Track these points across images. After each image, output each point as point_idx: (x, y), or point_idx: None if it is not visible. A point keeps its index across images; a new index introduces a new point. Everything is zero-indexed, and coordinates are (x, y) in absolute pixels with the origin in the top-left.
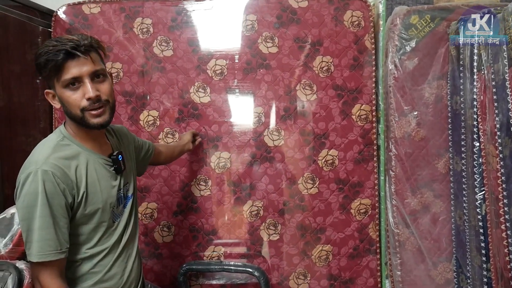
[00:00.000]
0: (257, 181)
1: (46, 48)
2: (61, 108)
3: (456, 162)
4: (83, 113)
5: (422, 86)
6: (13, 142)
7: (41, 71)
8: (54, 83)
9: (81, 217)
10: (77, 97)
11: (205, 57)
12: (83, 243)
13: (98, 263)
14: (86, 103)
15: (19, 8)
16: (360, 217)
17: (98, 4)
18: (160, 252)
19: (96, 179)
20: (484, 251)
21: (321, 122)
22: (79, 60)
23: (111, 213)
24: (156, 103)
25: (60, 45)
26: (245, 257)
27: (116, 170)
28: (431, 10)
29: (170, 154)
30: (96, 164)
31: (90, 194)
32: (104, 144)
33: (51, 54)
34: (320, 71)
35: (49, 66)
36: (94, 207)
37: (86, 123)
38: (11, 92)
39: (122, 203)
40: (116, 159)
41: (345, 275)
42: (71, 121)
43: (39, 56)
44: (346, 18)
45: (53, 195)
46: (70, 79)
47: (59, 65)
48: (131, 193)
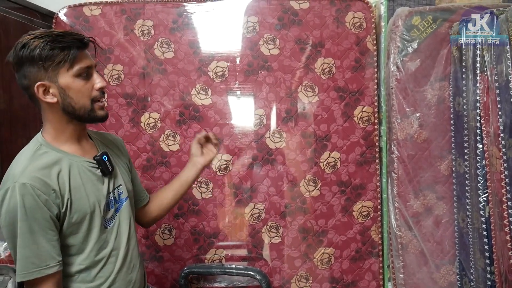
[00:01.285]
0: (259, 184)
1: (49, 37)
2: (54, 104)
3: (459, 164)
4: (93, 104)
5: (425, 88)
6: (13, 145)
7: (44, 61)
8: (60, 73)
9: (69, 226)
10: (89, 87)
11: (206, 59)
12: (76, 254)
13: (97, 275)
14: (97, 93)
15: (20, 10)
16: (362, 219)
17: (99, 6)
18: (161, 255)
19: (80, 183)
20: (488, 253)
21: (322, 124)
22: (86, 51)
23: (101, 219)
24: (157, 105)
25: (69, 35)
26: (246, 260)
27: (103, 172)
28: (433, 11)
29: (165, 195)
30: (79, 168)
31: (75, 201)
32: (87, 145)
33: (66, 43)
34: (322, 72)
35: (63, 54)
36: (81, 213)
37: (92, 115)
38: (12, 94)
39: (113, 207)
40: (101, 160)
41: (347, 278)
42: (63, 117)
43: (45, 45)
44: (348, 20)
45: (33, 209)
46: (85, 67)
47: (77, 53)
48: (125, 196)
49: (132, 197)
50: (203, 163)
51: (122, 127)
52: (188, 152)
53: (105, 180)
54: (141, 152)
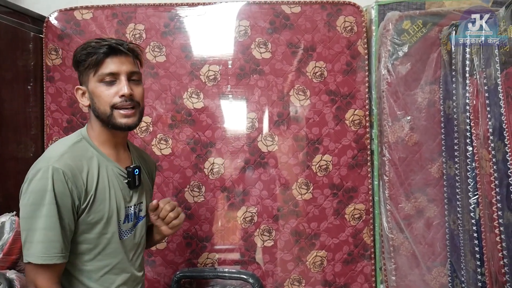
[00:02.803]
0: (251, 187)
1: (88, 44)
2: (89, 107)
3: (450, 167)
4: (112, 110)
5: (415, 91)
6: (4, 149)
7: (79, 65)
8: (89, 78)
9: (83, 223)
10: (110, 93)
11: (198, 62)
12: (83, 253)
13: (98, 281)
14: (118, 100)
15: (11, 14)
16: (354, 222)
17: (90, 9)
18: (153, 259)
19: (106, 185)
20: (478, 255)
21: (314, 128)
22: (120, 58)
23: (117, 228)
24: (149, 109)
25: (104, 41)
26: (239, 263)
27: (129, 184)
28: (423, 16)
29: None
30: (109, 171)
31: (97, 201)
32: (123, 154)
33: (94, 48)
34: (313, 76)
35: (89, 59)
36: (99, 215)
37: (112, 122)
38: (2, 98)
39: (132, 220)
40: (132, 172)
41: (339, 281)
42: (97, 120)
43: (81, 51)
44: (339, 24)
45: (62, 194)
46: (108, 73)
47: (100, 59)
48: (143, 214)
49: (148, 217)
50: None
51: None
52: (180, 156)
53: (130, 192)
54: None
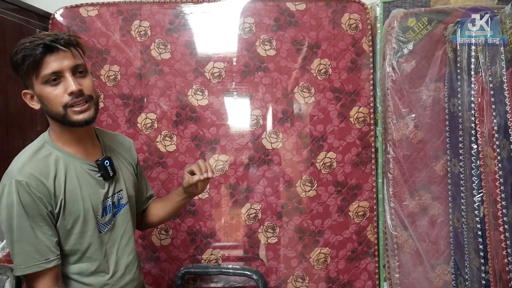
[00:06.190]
0: (255, 184)
1: (22, 45)
2: (41, 110)
3: (454, 165)
4: (66, 110)
5: (420, 89)
6: (9, 146)
7: (18, 70)
8: (33, 81)
9: (61, 227)
10: (58, 92)
11: (203, 59)
12: (69, 255)
13: (90, 276)
14: (69, 98)
15: (17, 11)
16: (358, 219)
17: (95, 6)
18: (158, 255)
19: (77, 186)
20: (482, 253)
21: (319, 125)
22: (58, 54)
23: (95, 223)
24: (153, 106)
25: (38, 40)
26: (243, 260)
27: (103, 176)
28: (428, 13)
29: (164, 204)
30: (77, 170)
31: (69, 203)
32: (92, 148)
33: (28, 49)
34: (318, 73)
35: (27, 62)
36: (74, 216)
37: (69, 121)
38: (8, 95)
39: (110, 212)
40: (102, 165)
41: (343, 278)
42: (54, 122)
43: (16, 54)
44: (344, 21)
45: (30, 205)
46: (50, 73)
47: (38, 60)
48: (125, 201)
49: (133, 202)
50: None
51: (118, 128)
52: (185, 153)
53: (105, 184)
54: (137, 152)
